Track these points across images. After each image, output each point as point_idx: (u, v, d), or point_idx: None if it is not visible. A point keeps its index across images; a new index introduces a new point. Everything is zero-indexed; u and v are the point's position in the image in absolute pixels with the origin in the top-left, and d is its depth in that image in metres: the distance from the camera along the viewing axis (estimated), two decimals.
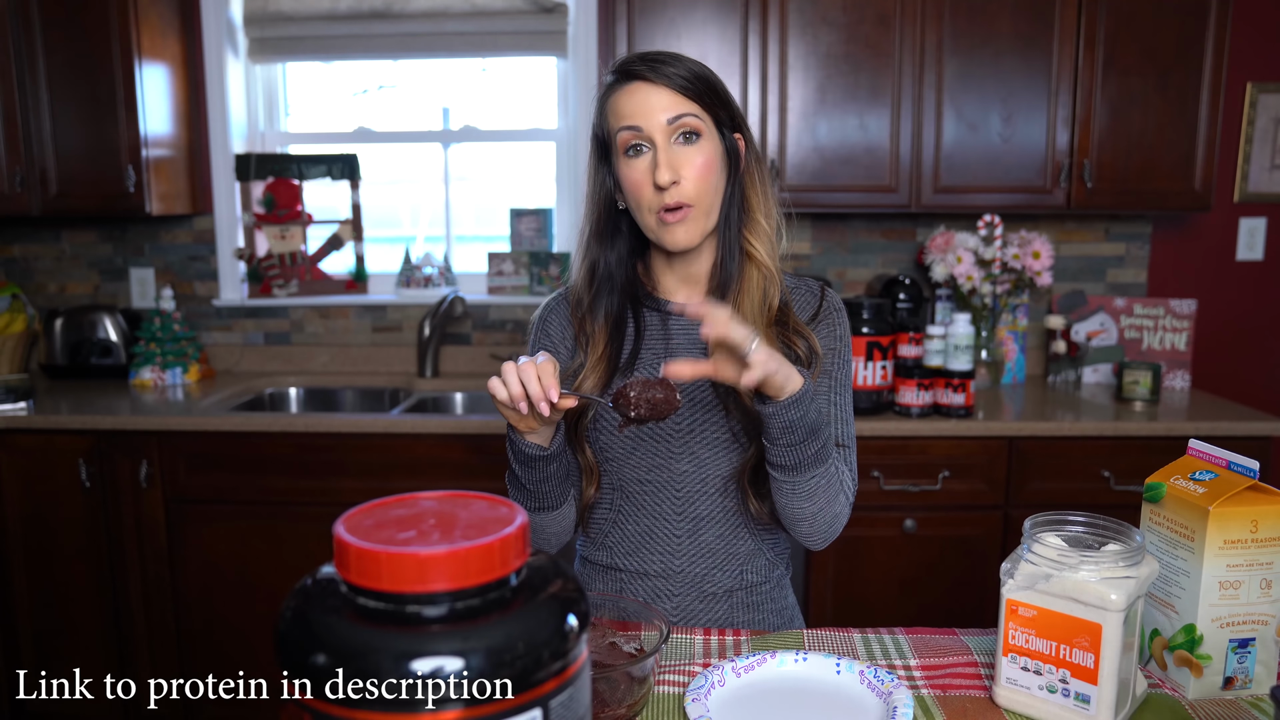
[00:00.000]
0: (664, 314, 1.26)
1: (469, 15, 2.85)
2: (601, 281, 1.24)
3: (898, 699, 0.93)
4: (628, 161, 1.16)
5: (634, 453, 1.23)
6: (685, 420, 1.22)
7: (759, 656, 1.03)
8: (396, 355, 2.98)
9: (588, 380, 1.22)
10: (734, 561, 1.26)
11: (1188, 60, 2.44)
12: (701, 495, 1.23)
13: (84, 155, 2.60)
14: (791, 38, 2.46)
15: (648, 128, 1.13)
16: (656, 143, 1.13)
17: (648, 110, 1.13)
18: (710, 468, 1.22)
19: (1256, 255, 2.87)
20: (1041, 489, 2.34)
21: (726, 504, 1.24)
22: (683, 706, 0.94)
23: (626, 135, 1.15)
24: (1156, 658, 1.02)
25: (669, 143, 1.14)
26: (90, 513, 2.41)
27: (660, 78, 1.13)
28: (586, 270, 1.26)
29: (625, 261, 1.25)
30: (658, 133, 1.13)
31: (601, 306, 1.24)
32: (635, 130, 1.14)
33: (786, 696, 0.98)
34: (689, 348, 1.24)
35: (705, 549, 1.24)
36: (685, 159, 1.14)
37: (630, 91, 1.15)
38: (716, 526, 1.24)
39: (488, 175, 3.13)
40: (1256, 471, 0.96)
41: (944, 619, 2.22)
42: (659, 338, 1.25)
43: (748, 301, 1.21)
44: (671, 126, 1.13)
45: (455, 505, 0.62)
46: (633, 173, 1.15)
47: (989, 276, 2.62)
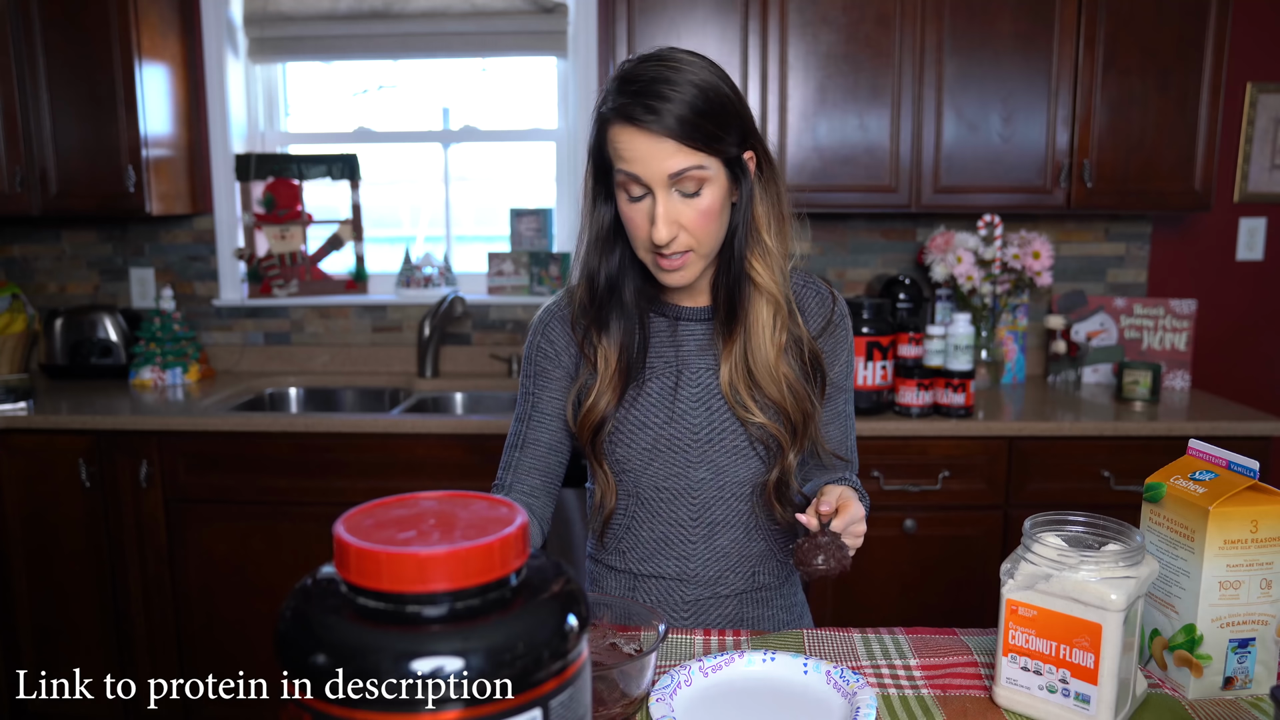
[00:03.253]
0: (672, 319, 1.24)
1: (469, 15, 2.85)
2: (603, 294, 1.20)
3: (861, 699, 0.93)
4: (627, 201, 1.12)
5: (652, 463, 1.22)
6: (704, 429, 1.21)
7: (727, 656, 1.03)
8: (396, 355, 2.98)
9: (603, 398, 1.20)
10: (746, 564, 1.26)
11: (1188, 60, 2.44)
12: (718, 501, 1.23)
13: (84, 155, 2.60)
14: (791, 38, 2.46)
15: (647, 177, 1.08)
16: (656, 194, 1.08)
17: (647, 159, 1.07)
18: (728, 474, 1.22)
19: (1256, 255, 2.87)
20: (1041, 489, 2.34)
21: (741, 509, 1.24)
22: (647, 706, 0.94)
23: (624, 179, 1.10)
24: (1156, 658, 1.02)
25: (669, 194, 1.09)
26: (90, 513, 2.41)
27: (663, 127, 1.05)
28: (586, 283, 1.22)
29: (628, 268, 1.21)
30: (657, 184, 1.08)
31: (609, 319, 1.21)
32: (633, 178, 1.09)
33: (753, 696, 0.98)
34: (698, 353, 1.23)
35: (719, 552, 1.24)
36: (685, 210, 1.09)
37: (630, 135, 1.07)
38: (731, 530, 1.24)
39: (488, 175, 3.13)
40: (1256, 471, 0.96)
41: (944, 619, 2.22)
42: (668, 344, 1.24)
43: (759, 336, 1.18)
44: (673, 181, 1.08)
45: (455, 505, 0.62)
46: (633, 214, 1.12)
47: (989, 276, 2.62)
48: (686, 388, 1.21)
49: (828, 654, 1.08)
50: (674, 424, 1.21)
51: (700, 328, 1.24)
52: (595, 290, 1.21)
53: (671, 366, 1.22)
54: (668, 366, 1.22)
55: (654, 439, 1.21)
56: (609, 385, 1.20)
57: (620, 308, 1.21)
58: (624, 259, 1.21)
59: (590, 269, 1.21)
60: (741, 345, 1.19)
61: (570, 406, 1.25)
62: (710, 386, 1.21)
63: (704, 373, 1.22)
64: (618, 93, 1.09)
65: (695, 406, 1.21)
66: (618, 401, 1.20)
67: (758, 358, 1.19)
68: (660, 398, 1.21)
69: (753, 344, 1.19)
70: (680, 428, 1.21)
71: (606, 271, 1.20)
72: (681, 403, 1.21)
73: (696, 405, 1.21)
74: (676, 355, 1.23)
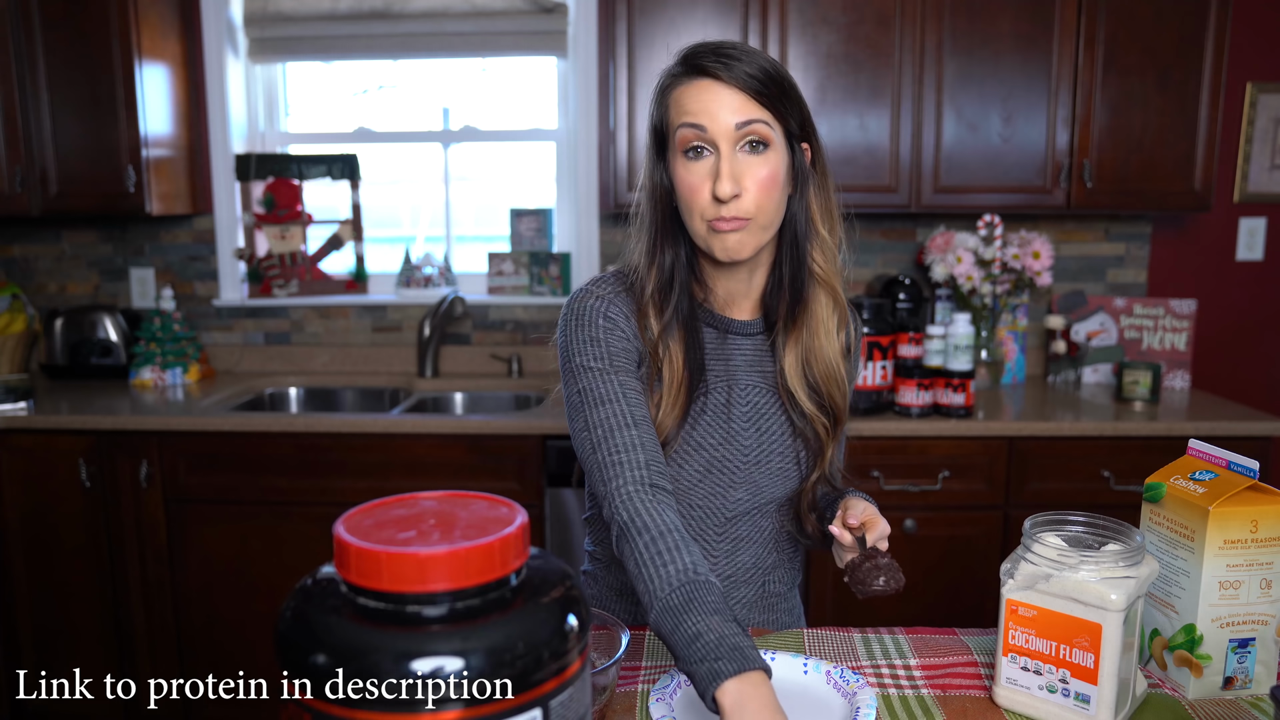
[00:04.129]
0: (721, 331, 1.17)
1: (469, 15, 2.85)
2: (670, 286, 1.13)
3: (861, 699, 0.93)
4: (685, 162, 1.06)
5: (700, 485, 1.17)
6: (754, 450, 1.17)
7: None
8: (396, 355, 2.98)
9: (670, 415, 1.12)
10: (758, 575, 1.25)
11: (1188, 60, 2.44)
12: (746, 519, 1.20)
13: (84, 155, 2.60)
14: (791, 38, 2.46)
15: (713, 130, 1.04)
16: (720, 148, 1.04)
17: (715, 110, 1.04)
18: (765, 494, 1.19)
19: (1256, 255, 2.87)
20: (1041, 489, 2.34)
21: (765, 524, 1.22)
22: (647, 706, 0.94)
23: (688, 134, 1.05)
24: (1156, 658, 1.02)
25: (734, 150, 1.04)
26: (90, 512, 2.41)
27: (733, 77, 1.03)
28: (656, 272, 1.13)
29: (686, 265, 1.14)
30: (722, 138, 1.04)
31: (674, 318, 1.13)
32: (698, 130, 1.04)
33: None
34: (748, 369, 1.18)
35: (738, 566, 1.23)
36: (749, 169, 1.05)
37: (698, 88, 1.05)
38: (752, 547, 1.23)
39: (488, 175, 3.13)
40: (1256, 471, 0.96)
41: (944, 619, 2.22)
42: (719, 358, 1.17)
43: (820, 330, 1.14)
44: (739, 132, 1.04)
45: (455, 505, 0.62)
46: (690, 175, 1.06)
47: (989, 276, 2.62)
48: (738, 405, 1.17)
49: (828, 654, 1.08)
50: (728, 444, 1.16)
51: (748, 343, 1.18)
52: (664, 279, 1.13)
53: (723, 381, 1.16)
54: (719, 381, 1.16)
55: (709, 461, 1.16)
56: (675, 399, 1.13)
57: (682, 306, 1.13)
58: (687, 253, 1.14)
59: (658, 258, 1.13)
60: (804, 340, 1.15)
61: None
62: (759, 405, 1.17)
63: (753, 390, 1.17)
64: (685, 56, 1.08)
65: (747, 427, 1.17)
66: (683, 418, 1.13)
67: (819, 354, 1.15)
68: (716, 415, 1.16)
69: (815, 341, 1.15)
70: (733, 449, 1.16)
71: (676, 260, 1.13)
72: (735, 421, 1.16)
73: (748, 426, 1.17)
74: (726, 369, 1.17)
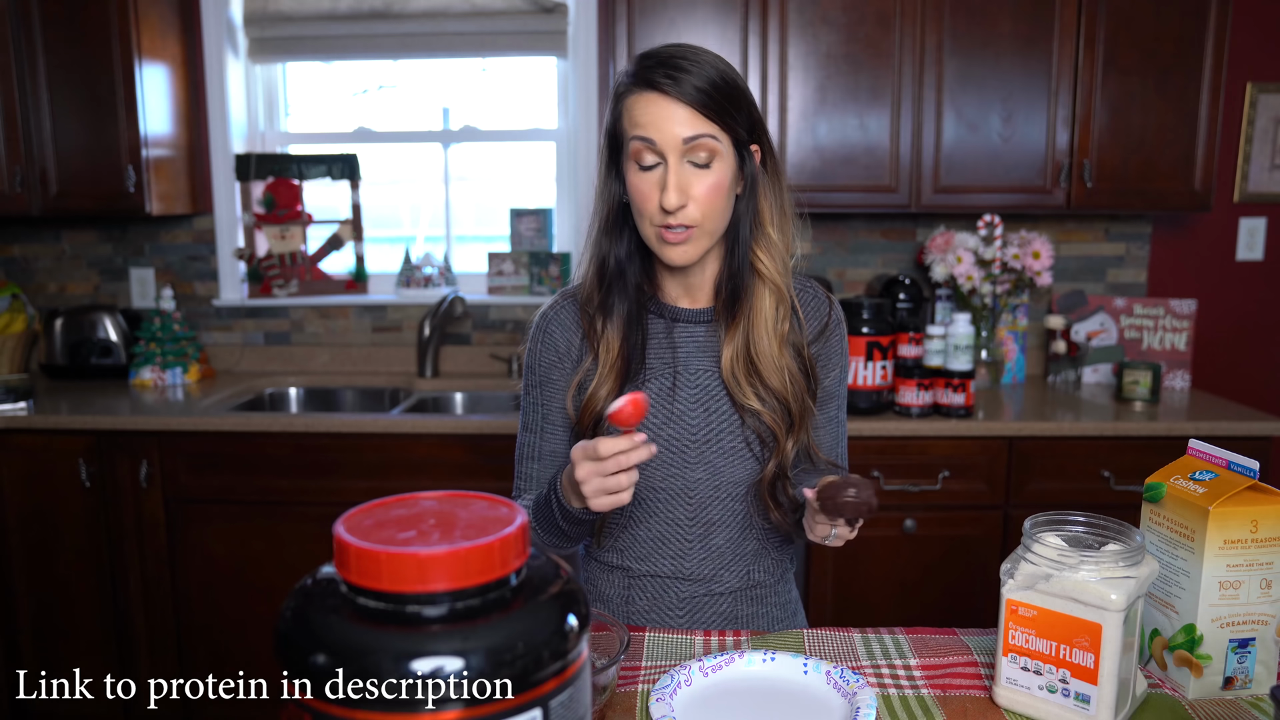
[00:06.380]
0: (669, 320, 1.25)
1: (469, 15, 2.85)
2: (613, 278, 1.21)
3: (861, 699, 0.93)
4: (637, 170, 1.13)
5: (650, 463, 1.22)
6: (701, 430, 1.21)
7: (727, 656, 1.03)
8: (396, 355, 2.98)
9: (601, 388, 1.20)
10: (741, 562, 1.26)
11: (1188, 60, 2.44)
12: (714, 501, 1.23)
13: (84, 155, 2.60)
14: (791, 38, 2.46)
15: (661, 143, 1.10)
16: (668, 160, 1.11)
17: (662, 124, 1.10)
18: (724, 474, 1.22)
19: (1256, 255, 2.87)
20: (1041, 489, 2.34)
21: (736, 508, 1.24)
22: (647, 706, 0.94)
23: (639, 146, 1.12)
24: (1156, 658, 1.02)
25: (680, 162, 1.11)
26: (90, 513, 2.41)
27: (680, 92, 1.09)
28: (596, 265, 1.23)
29: (633, 257, 1.22)
30: (670, 150, 1.10)
31: (614, 305, 1.22)
32: (648, 143, 1.11)
33: (753, 696, 0.98)
34: (697, 354, 1.23)
35: (715, 551, 1.25)
36: (696, 180, 1.11)
37: (647, 100, 1.11)
38: (726, 530, 1.25)
39: (488, 175, 3.13)
40: (1256, 471, 0.96)
41: (944, 619, 2.22)
42: (666, 345, 1.24)
43: (762, 326, 1.20)
44: (686, 146, 1.10)
45: (455, 505, 0.62)
46: (641, 183, 1.13)
47: (989, 276, 2.62)
48: (684, 389, 1.22)
49: (828, 654, 1.08)
50: (672, 424, 1.21)
51: (699, 329, 1.24)
52: (605, 273, 1.22)
53: (669, 367, 1.23)
54: (665, 367, 1.23)
55: (656, 441, 1.20)
56: (609, 373, 1.20)
57: (624, 295, 1.21)
58: (631, 245, 1.22)
59: (601, 251, 1.22)
60: (744, 333, 1.20)
61: (572, 396, 1.24)
62: (708, 388, 1.22)
63: (702, 374, 1.22)
64: (637, 66, 1.13)
65: (694, 407, 1.22)
66: (617, 391, 1.19)
67: (760, 347, 1.20)
68: (658, 399, 1.22)
69: (755, 333, 1.20)
70: (678, 428, 1.21)
71: (615, 255, 1.21)
72: (680, 404, 1.21)
73: (695, 406, 1.21)
74: (674, 356, 1.23)
